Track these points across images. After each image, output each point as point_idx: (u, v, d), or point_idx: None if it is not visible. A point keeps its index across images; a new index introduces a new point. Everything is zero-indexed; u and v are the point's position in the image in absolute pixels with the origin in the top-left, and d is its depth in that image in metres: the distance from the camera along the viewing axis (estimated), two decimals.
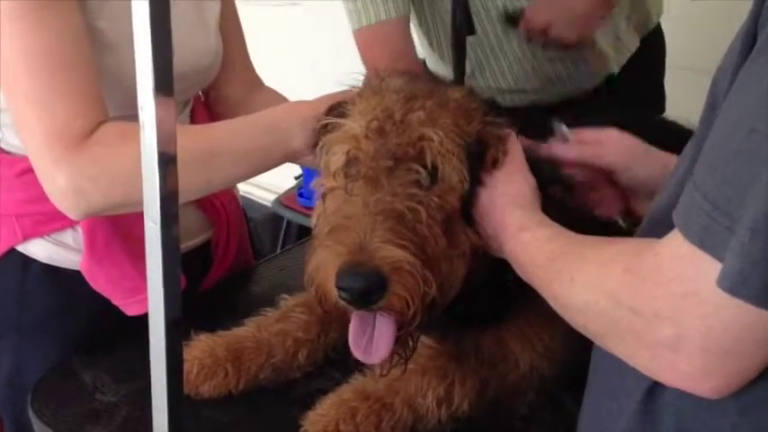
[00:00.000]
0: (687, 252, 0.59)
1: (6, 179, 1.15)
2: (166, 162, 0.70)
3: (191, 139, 1.02)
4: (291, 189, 2.63)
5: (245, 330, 1.09)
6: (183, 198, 1.07)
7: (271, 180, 2.72)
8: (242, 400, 1.05)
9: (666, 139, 0.98)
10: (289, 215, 2.58)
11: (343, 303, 0.82)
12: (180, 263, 0.75)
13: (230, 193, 1.37)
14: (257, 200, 2.92)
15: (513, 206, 0.87)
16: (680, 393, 0.65)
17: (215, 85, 1.33)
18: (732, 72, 0.60)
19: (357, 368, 1.01)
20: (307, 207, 2.43)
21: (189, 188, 1.03)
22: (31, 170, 1.04)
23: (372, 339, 0.86)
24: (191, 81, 1.23)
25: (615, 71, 1.73)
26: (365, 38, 1.58)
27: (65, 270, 1.17)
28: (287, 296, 1.15)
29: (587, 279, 0.69)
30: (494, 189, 0.89)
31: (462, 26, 1.50)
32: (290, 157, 1.08)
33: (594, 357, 0.82)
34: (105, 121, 1.01)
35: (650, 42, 1.81)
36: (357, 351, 0.86)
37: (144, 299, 1.11)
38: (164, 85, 0.67)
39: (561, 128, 1.01)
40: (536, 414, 1.01)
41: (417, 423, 0.96)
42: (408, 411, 0.95)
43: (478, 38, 1.62)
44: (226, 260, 1.35)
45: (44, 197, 1.02)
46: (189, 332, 1.06)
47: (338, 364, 1.09)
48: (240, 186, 1.46)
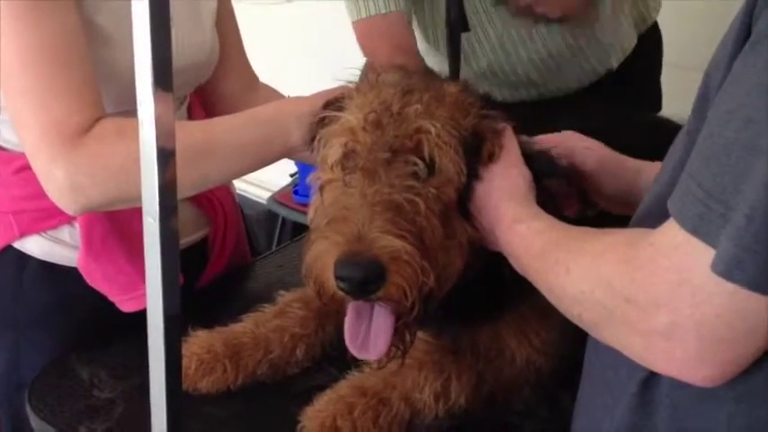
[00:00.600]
0: (682, 240, 0.59)
1: (3, 176, 1.15)
2: (165, 157, 0.70)
3: (188, 134, 1.02)
4: (287, 186, 2.63)
5: (242, 326, 1.09)
6: (180, 194, 1.06)
7: (266, 177, 2.73)
8: (240, 396, 1.05)
9: (661, 137, 0.98)
10: (284, 212, 2.58)
11: (341, 294, 0.82)
12: (179, 259, 0.75)
13: (226, 190, 1.37)
14: (252, 197, 2.92)
15: (509, 199, 0.87)
16: (675, 385, 0.66)
17: (212, 82, 1.33)
18: (726, 64, 0.60)
19: (354, 364, 1.01)
20: (302, 204, 2.43)
21: (186, 184, 1.02)
22: (28, 167, 1.03)
23: (369, 334, 0.86)
24: (187, 77, 1.23)
25: (614, 67, 1.73)
26: (364, 29, 1.58)
27: (61, 267, 1.17)
28: (284, 292, 1.15)
29: (582, 269, 0.69)
30: (489, 183, 0.90)
31: (457, 23, 1.51)
32: (287, 153, 1.08)
33: (588, 351, 0.83)
34: (102, 116, 1.01)
35: (647, 40, 1.81)
36: (353, 347, 0.86)
37: (140, 295, 1.12)
38: (163, 80, 0.67)
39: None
40: (532, 409, 1.01)
41: (414, 418, 0.96)
42: (405, 406, 0.95)
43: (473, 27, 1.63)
44: (223, 257, 1.35)
45: (41, 194, 1.02)
46: (186, 328, 1.06)
47: (335, 360, 1.09)
48: (236, 184, 1.46)
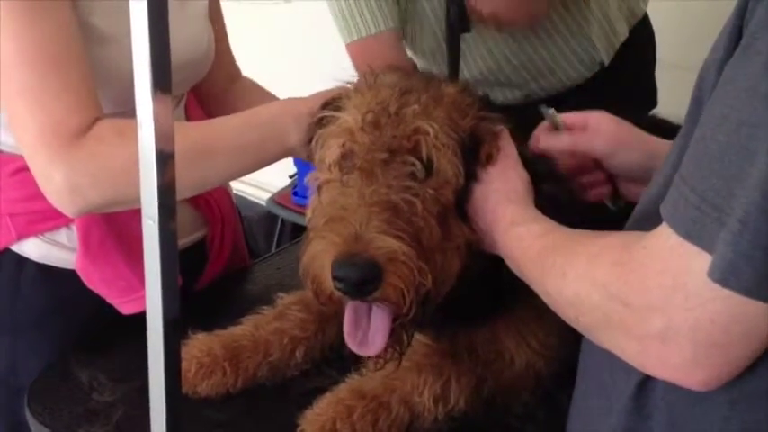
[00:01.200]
0: (675, 244, 0.59)
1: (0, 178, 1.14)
2: (164, 159, 0.69)
3: (186, 136, 1.02)
4: (286, 188, 2.62)
5: (242, 329, 1.09)
6: (179, 195, 1.06)
7: (265, 179, 2.73)
8: (239, 399, 1.05)
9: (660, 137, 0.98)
10: (283, 214, 2.57)
11: (338, 294, 0.82)
12: (178, 261, 0.74)
13: (223, 191, 1.37)
14: (252, 199, 2.92)
15: (507, 202, 0.87)
16: (670, 388, 0.66)
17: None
18: (718, 67, 0.60)
19: (354, 367, 1.01)
20: (301, 206, 2.42)
21: (184, 185, 1.02)
22: (25, 169, 1.03)
23: (368, 331, 0.86)
24: (185, 74, 1.23)
25: (606, 60, 1.73)
26: (357, 52, 1.58)
27: (59, 269, 1.17)
28: (283, 294, 1.15)
29: (578, 273, 0.69)
30: (487, 185, 0.90)
31: (457, 23, 1.50)
32: (285, 154, 1.08)
33: (584, 354, 0.83)
34: (100, 117, 1.00)
35: (639, 34, 1.79)
36: (352, 343, 0.86)
37: (139, 297, 1.11)
38: (161, 82, 0.66)
39: (549, 112, 1.02)
40: (532, 412, 1.01)
41: (414, 421, 0.96)
42: (405, 409, 0.95)
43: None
44: (221, 258, 1.35)
45: (38, 196, 1.01)
46: (186, 331, 1.06)
47: (335, 363, 1.09)
48: (234, 185, 1.46)
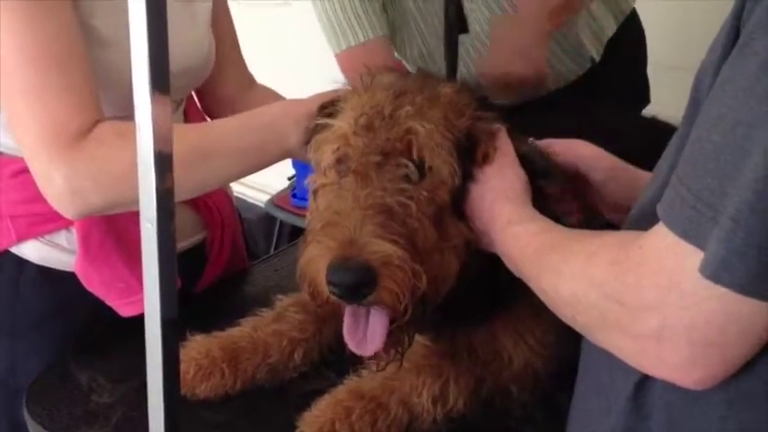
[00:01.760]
0: (671, 244, 0.59)
1: None
2: (163, 161, 0.69)
3: (185, 138, 1.02)
4: (285, 190, 2.62)
5: (240, 331, 1.09)
6: (178, 198, 1.06)
7: (264, 181, 2.73)
8: (238, 401, 1.05)
9: (658, 139, 0.98)
10: (282, 216, 2.57)
11: (334, 298, 0.82)
12: (176, 263, 0.74)
13: (224, 193, 1.37)
14: (251, 201, 2.92)
15: (504, 200, 0.87)
16: (669, 388, 0.66)
17: (208, 85, 1.33)
18: (715, 68, 0.61)
19: (352, 368, 1.01)
20: (300, 208, 2.42)
21: (183, 187, 1.03)
22: (25, 171, 1.03)
23: (366, 333, 0.87)
24: (183, 81, 1.23)
25: (596, 56, 1.72)
26: (346, 61, 1.58)
27: (59, 271, 1.17)
28: (282, 296, 1.15)
29: (575, 271, 0.69)
30: (484, 184, 0.90)
31: (455, 23, 1.50)
32: (284, 156, 1.08)
33: (583, 354, 0.83)
34: (101, 119, 1.01)
35: (628, 32, 1.78)
36: (352, 343, 0.87)
37: (138, 300, 1.11)
38: (160, 83, 0.66)
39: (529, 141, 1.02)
40: (531, 414, 1.01)
41: (413, 422, 0.96)
42: (404, 411, 0.95)
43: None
44: (220, 261, 1.35)
45: (38, 198, 1.01)
46: (185, 333, 1.06)
47: (333, 365, 1.09)
48: (234, 187, 1.46)
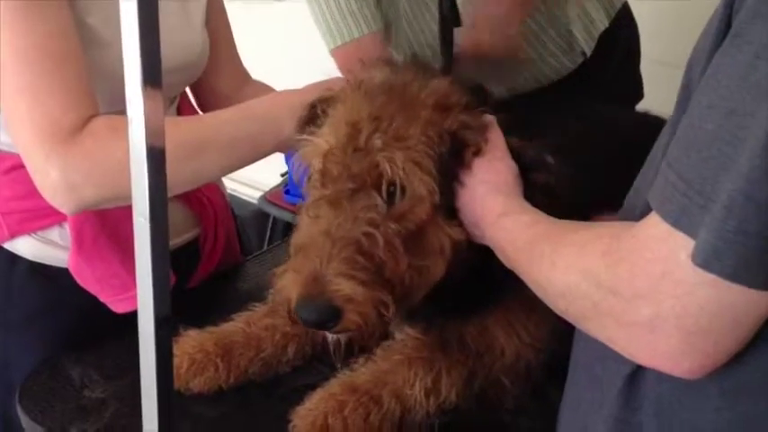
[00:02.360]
0: (664, 232, 0.60)
1: None
2: (155, 156, 0.69)
3: (179, 130, 1.02)
4: (277, 186, 2.61)
5: (234, 325, 1.09)
6: (174, 191, 1.07)
7: (257, 177, 2.73)
8: (231, 395, 1.05)
9: (652, 133, 0.99)
10: (275, 212, 2.56)
11: None
12: (169, 258, 0.75)
13: (217, 189, 1.37)
14: (243, 197, 2.91)
15: (496, 193, 0.87)
16: (661, 379, 0.66)
17: (204, 80, 1.33)
18: (707, 56, 0.61)
19: (344, 363, 1.02)
20: (293, 204, 2.42)
21: (178, 180, 1.03)
22: (18, 167, 1.03)
23: None
24: (177, 77, 1.23)
25: (587, 50, 1.72)
26: (342, 57, 1.57)
27: (52, 267, 1.17)
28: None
29: (567, 262, 0.69)
30: (474, 177, 0.90)
31: (449, 16, 1.50)
32: (279, 147, 1.08)
33: (575, 346, 0.83)
34: (96, 115, 1.01)
35: (621, 26, 1.76)
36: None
37: (132, 296, 1.11)
38: (152, 78, 0.66)
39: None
40: (523, 407, 1.02)
41: (406, 415, 0.96)
42: (396, 403, 0.95)
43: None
44: (214, 257, 1.35)
45: (30, 194, 1.01)
46: (178, 328, 1.06)
47: (326, 359, 1.08)
48: (226, 183, 1.46)
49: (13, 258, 1.16)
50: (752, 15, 0.56)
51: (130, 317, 0.79)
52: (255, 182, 2.87)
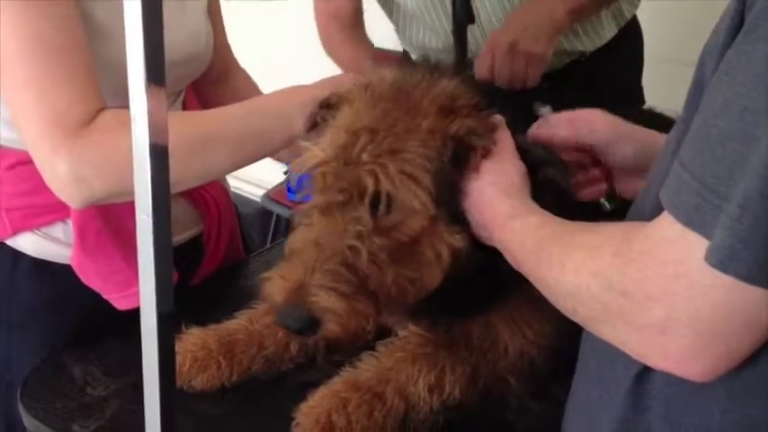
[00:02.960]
0: (677, 233, 0.59)
1: None
2: (158, 153, 0.69)
3: (188, 125, 1.02)
4: (280, 184, 2.63)
5: (236, 323, 1.09)
6: (182, 186, 1.07)
7: (260, 176, 2.72)
8: (233, 393, 1.05)
9: (656, 129, 0.98)
10: (278, 210, 2.58)
11: None
12: (172, 255, 0.74)
13: (221, 187, 1.36)
14: (247, 195, 2.92)
15: (504, 195, 0.87)
16: (669, 380, 0.66)
17: None
18: (719, 52, 0.60)
19: (348, 360, 1.01)
20: (296, 202, 2.42)
21: (187, 175, 1.03)
22: (22, 163, 1.03)
23: None
24: (183, 70, 1.23)
25: (587, 49, 1.71)
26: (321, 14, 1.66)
27: (55, 264, 1.17)
28: None
29: (577, 264, 0.69)
30: (482, 179, 0.89)
31: (462, 14, 1.49)
32: (290, 142, 1.07)
33: (583, 346, 0.83)
34: (103, 108, 1.00)
35: (626, 35, 1.77)
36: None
37: (135, 293, 1.10)
38: (155, 75, 0.66)
39: (545, 110, 1.02)
40: (527, 405, 1.01)
41: (410, 412, 0.96)
42: (400, 400, 0.95)
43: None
44: (217, 254, 1.35)
45: (34, 190, 1.01)
46: (180, 326, 1.06)
47: (329, 356, 1.09)
48: (230, 181, 1.46)
49: (16, 255, 1.16)
50: (765, 11, 0.55)
51: (133, 314, 0.78)
52: (259, 180, 2.88)
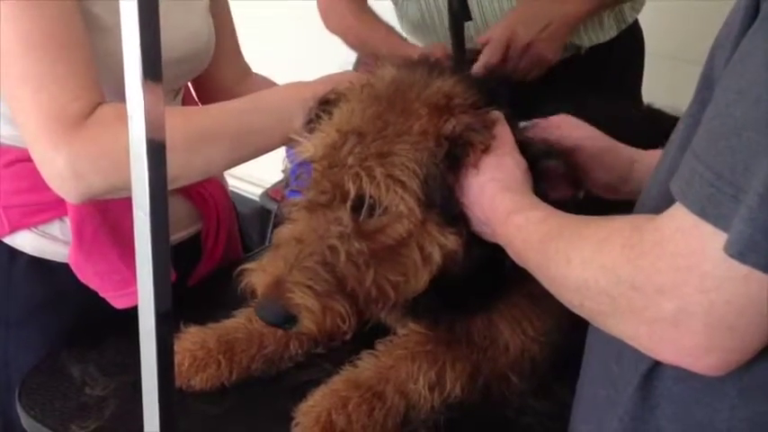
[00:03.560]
0: (689, 224, 0.58)
1: None
2: (155, 150, 0.69)
3: (188, 120, 1.01)
4: (280, 182, 2.62)
5: (236, 322, 1.09)
6: (181, 181, 1.07)
7: (258, 174, 2.72)
8: (233, 392, 1.04)
9: (654, 126, 0.98)
10: (277, 208, 2.57)
11: None
12: (170, 253, 0.74)
13: (219, 185, 1.36)
14: (245, 194, 2.91)
15: (505, 190, 0.86)
16: (678, 377, 0.65)
17: (205, 75, 1.32)
18: (732, 43, 0.59)
19: (348, 359, 1.01)
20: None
21: (186, 171, 1.02)
22: (18, 161, 1.02)
23: None
24: (185, 67, 1.22)
25: (584, 45, 1.70)
26: None
27: (52, 262, 1.16)
28: None
29: (585, 257, 0.67)
30: (483, 175, 0.88)
31: (459, 11, 1.49)
32: (290, 139, 1.07)
33: (589, 343, 0.82)
34: (102, 102, 1.00)
35: (624, 39, 1.76)
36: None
37: (132, 292, 1.10)
38: (151, 72, 0.66)
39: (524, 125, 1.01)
40: (529, 403, 1.01)
41: (410, 411, 0.96)
42: (400, 398, 0.95)
43: None
44: (215, 253, 1.34)
45: (31, 188, 1.01)
46: (179, 325, 1.05)
47: (329, 355, 1.08)
48: (228, 180, 1.45)
49: (14, 253, 1.16)
50: None
51: (132, 313, 0.78)
52: (257, 179, 2.88)
